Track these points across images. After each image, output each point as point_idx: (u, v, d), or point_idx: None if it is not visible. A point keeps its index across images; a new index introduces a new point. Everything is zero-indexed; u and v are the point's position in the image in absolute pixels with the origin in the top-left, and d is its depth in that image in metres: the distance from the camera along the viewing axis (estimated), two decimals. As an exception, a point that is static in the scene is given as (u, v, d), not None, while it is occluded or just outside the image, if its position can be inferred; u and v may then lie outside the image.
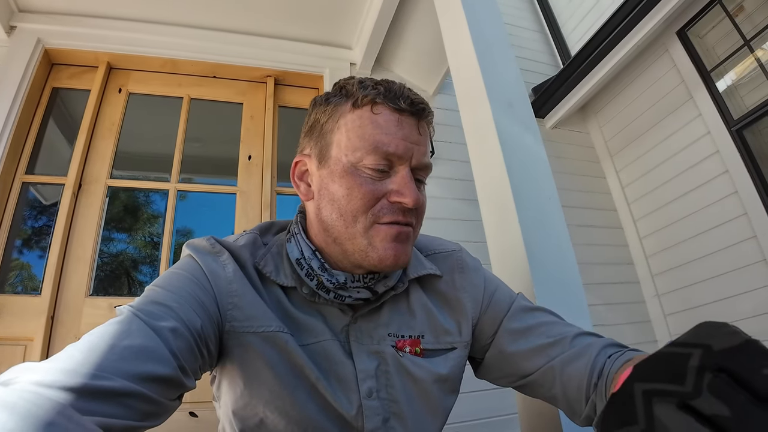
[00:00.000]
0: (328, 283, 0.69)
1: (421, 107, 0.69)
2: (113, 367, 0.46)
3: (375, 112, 0.67)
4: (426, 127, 0.71)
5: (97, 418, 0.41)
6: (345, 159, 0.67)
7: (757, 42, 2.41)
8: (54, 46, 2.27)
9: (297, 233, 0.74)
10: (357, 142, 0.66)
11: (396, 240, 0.66)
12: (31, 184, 2.13)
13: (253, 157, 2.46)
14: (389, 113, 0.67)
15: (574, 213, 2.95)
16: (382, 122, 0.67)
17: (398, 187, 0.66)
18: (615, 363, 0.65)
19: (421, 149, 0.69)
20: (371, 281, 0.70)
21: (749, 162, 2.38)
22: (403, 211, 0.66)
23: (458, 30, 1.48)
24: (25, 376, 0.41)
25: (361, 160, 0.66)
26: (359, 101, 0.68)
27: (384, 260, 0.66)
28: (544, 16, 3.94)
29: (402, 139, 0.66)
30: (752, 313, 2.33)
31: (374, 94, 0.67)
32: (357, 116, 0.68)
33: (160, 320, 0.55)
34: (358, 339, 0.72)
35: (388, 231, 0.66)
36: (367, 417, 0.68)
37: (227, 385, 0.69)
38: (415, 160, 0.67)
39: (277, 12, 2.46)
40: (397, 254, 0.66)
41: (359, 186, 0.66)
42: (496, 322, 0.79)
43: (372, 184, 0.66)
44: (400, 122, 0.67)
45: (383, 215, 0.66)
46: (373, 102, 0.68)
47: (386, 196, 0.66)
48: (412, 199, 0.65)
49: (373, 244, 0.66)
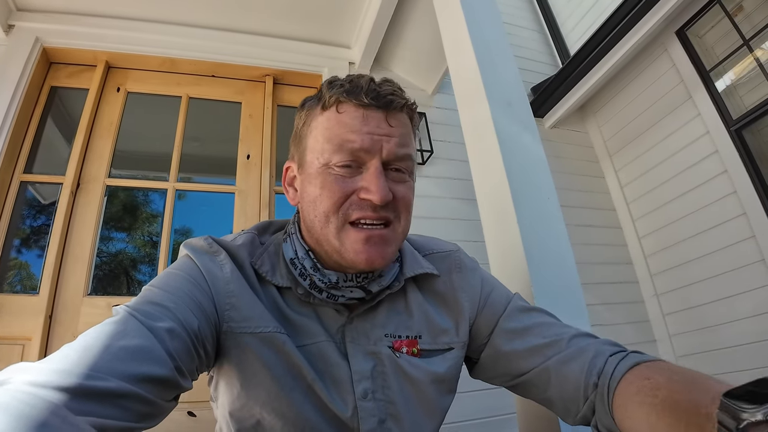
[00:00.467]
0: (320, 283, 0.69)
1: (389, 99, 0.68)
2: (108, 368, 0.45)
3: (340, 111, 0.68)
4: (401, 117, 0.70)
5: (92, 418, 0.41)
6: (317, 161, 0.68)
7: (756, 42, 2.41)
8: (52, 44, 2.27)
9: (293, 233, 0.74)
10: (324, 143, 0.67)
11: (367, 243, 0.65)
12: (29, 183, 2.13)
13: (251, 156, 2.45)
14: (354, 110, 0.67)
15: (572, 212, 2.95)
16: (347, 120, 0.67)
17: (366, 184, 0.65)
18: (619, 365, 0.64)
19: (393, 140, 0.67)
20: (364, 280, 0.70)
21: (748, 162, 2.38)
22: (372, 207, 0.65)
23: (457, 29, 1.48)
24: (19, 377, 0.41)
25: (330, 161, 0.66)
26: (327, 102, 0.69)
27: (356, 263, 0.65)
28: (543, 16, 3.94)
29: (367, 134, 0.66)
30: (751, 313, 2.34)
31: (338, 93, 0.68)
32: (325, 118, 0.69)
33: (157, 320, 0.54)
34: (354, 339, 0.71)
35: (357, 235, 0.65)
36: (363, 418, 0.68)
37: (224, 385, 0.69)
38: (386, 153, 0.67)
39: (276, 11, 2.46)
40: (369, 258, 0.65)
41: (329, 185, 0.66)
42: (492, 322, 0.79)
43: (341, 182, 0.66)
44: (365, 117, 0.67)
45: (352, 212, 0.66)
46: (338, 101, 0.68)
47: (356, 192, 0.66)
48: (379, 195, 0.64)
49: (345, 246, 0.66)
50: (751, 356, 2.31)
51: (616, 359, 0.66)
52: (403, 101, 0.70)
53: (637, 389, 0.58)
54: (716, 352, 2.49)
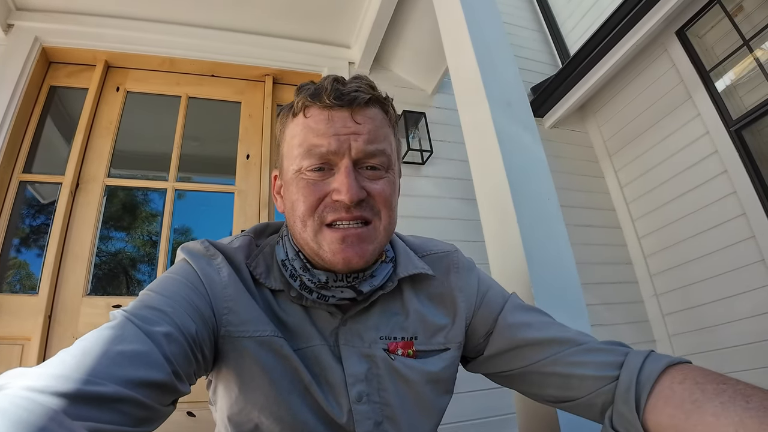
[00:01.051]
0: (309, 283, 0.69)
1: (352, 96, 0.67)
2: (106, 373, 0.45)
3: (307, 116, 0.68)
4: (369, 112, 0.69)
5: (90, 423, 0.41)
6: (291, 168, 0.69)
7: (756, 42, 2.41)
8: (52, 44, 2.27)
9: (285, 235, 0.75)
10: (295, 150, 0.68)
11: (344, 243, 0.65)
12: (28, 183, 2.12)
13: (251, 156, 2.45)
14: (318, 112, 0.68)
15: (572, 212, 2.95)
16: (313, 124, 0.67)
17: (337, 184, 0.65)
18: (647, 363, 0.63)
19: (361, 138, 0.67)
20: (354, 280, 0.70)
21: (748, 162, 2.38)
22: (346, 207, 0.65)
23: (457, 29, 1.47)
24: (17, 382, 0.41)
25: (302, 166, 0.67)
26: (296, 109, 0.70)
27: (334, 264, 0.66)
28: (543, 16, 3.94)
29: (333, 135, 0.66)
30: (750, 313, 2.34)
31: (304, 97, 0.68)
32: (294, 124, 0.70)
33: (154, 325, 0.54)
34: (347, 342, 0.71)
35: (333, 235, 0.65)
36: (358, 421, 0.68)
37: (222, 389, 0.69)
38: (354, 151, 0.66)
39: (276, 11, 2.46)
40: (346, 257, 0.65)
41: (302, 190, 0.67)
42: (489, 321, 0.79)
43: (313, 186, 0.66)
44: (330, 118, 0.67)
45: (327, 214, 0.66)
46: (305, 106, 0.69)
47: (330, 194, 0.66)
48: (349, 194, 0.64)
49: (323, 248, 0.66)
50: (751, 356, 2.31)
51: (638, 356, 0.65)
52: (368, 95, 0.69)
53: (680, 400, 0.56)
54: (715, 352, 2.49)
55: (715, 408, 0.52)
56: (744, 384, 0.54)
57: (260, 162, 2.44)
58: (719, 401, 0.52)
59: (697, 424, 0.53)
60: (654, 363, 0.62)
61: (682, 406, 0.55)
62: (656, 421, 0.58)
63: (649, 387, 0.60)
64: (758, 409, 0.49)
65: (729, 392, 0.53)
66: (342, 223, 0.65)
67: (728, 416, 0.50)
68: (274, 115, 2.59)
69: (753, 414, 0.49)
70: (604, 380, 0.66)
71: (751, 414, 0.49)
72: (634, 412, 0.59)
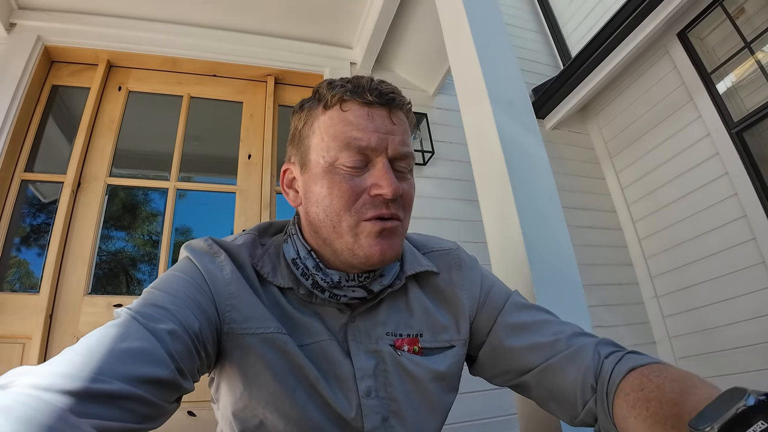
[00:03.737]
0: (322, 282, 0.69)
1: (391, 97, 0.69)
2: (111, 370, 0.45)
3: (344, 110, 0.68)
4: (401, 116, 0.71)
5: (96, 421, 0.41)
6: (322, 160, 0.68)
7: (758, 44, 2.42)
8: (54, 43, 2.27)
9: (294, 234, 0.74)
10: (330, 142, 0.67)
11: (381, 236, 0.66)
12: (30, 182, 2.12)
13: (252, 156, 2.45)
14: (358, 108, 0.68)
15: (573, 214, 2.95)
16: (352, 118, 0.67)
17: (376, 180, 0.66)
18: (614, 371, 0.65)
19: (397, 138, 0.68)
20: (366, 280, 0.70)
21: (749, 164, 2.39)
22: (385, 203, 0.66)
23: (459, 30, 1.48)
24: (23, 380, 0.41)
25: (337, 159, 0.67)
26: (329, 102, 0.69)
27: (370, 257, 0.66)
28: (544, 17, 3.95)
29: (374, 131, 0.67)
30: (751, 315, 2.34)
31: (342, 92, 0.68)
32: (328, 117, 0.69)
33: (158, 323, 0.54)
34: (356, 338, 0.72)
35: (372, 228, 0.66)
36: (366, 416, 0.68)
37: (226, 387, 0.69)
38: (391, 150, 0.67)
39: (278, 11, 2.46)
40: (383, 250, 0.66)
41: (338, 184, 0.66)
42: (491, 319, 0.79)
43: (351, 181, 0.66)
44: (370, 115, 0.68)
45: (366, 210, 0.66)
46: (342, 100, 0.68)
47: (366, 190, 0.66)
48: (391, 188, 0.64)
49: (359, 242, 0.66)
50: (751, 358, 2.30)
51: (611, 362, 0.66)
52: (403, 100, 0.71)
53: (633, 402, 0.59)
54: (716, 354, 2.48)
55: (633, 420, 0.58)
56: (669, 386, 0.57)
57: (261, 162, 2.44)
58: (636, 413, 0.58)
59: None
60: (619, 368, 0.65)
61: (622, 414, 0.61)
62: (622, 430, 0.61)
63: (612, 395, 0.63)
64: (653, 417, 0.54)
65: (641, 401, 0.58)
66: (380, 218, 0.66)
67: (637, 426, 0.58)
68: (275, 115, 2.59)
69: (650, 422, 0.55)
70: (588, 392, 0.67)
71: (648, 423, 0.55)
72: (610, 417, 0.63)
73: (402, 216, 0.69)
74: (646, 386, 0.58)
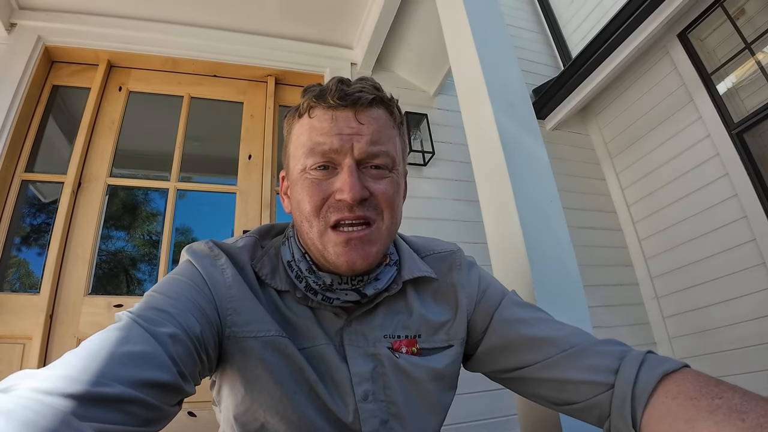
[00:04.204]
0: (315, 285, 0.69)
1: (356, 96, 0.67)
2: (113, 374, 0.45)
3: (311, 116, 0.69)
4: (371, 113, 0.69)
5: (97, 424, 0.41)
6: (296, 168, 0.70)
7: (758, 45, 2.42)
8: (54, 43, 2.27)
9: (291, 236, 0.75)
10: (300, 149, 0.69)
11: (347, 246, 0.65)
12: (30, 182, 2.13)
13: (253, 156, 2.45)
14: (323, 113, 0.68)
15: (573, 215, 2.95)
16: (317, 124, 0.68)
17: (339, 183, 0.66)
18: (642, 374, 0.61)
19: (364, 138, 0.67)
20: (359, 283, 0.70)
21: (749, 165, 2.39)
22: (349, 206, 0.65)
23: (460, 31, 1.48)
24: (24, 383, 0.41)
25: (306, 165, 0.68)
26: (301, 110, 0.71)
27: (338, 266, 0.66)
28: (545, 18, 3.95)
29: (336, 135, 0.66)
30: (751, 315, 2.34)
31: (309, 98, 0.69)
32: (299, 125, 0.71)
33: (160, 326, 0.54)
34: (352, 342, 0.72)
35: (336, 238, 0.65)
36: (364, 420, 0.68)
37: (228, 390, 0.69)
38: (357, 151, 0.66)
39: (279, 11, 2.46)
40: (350, 260, 0.65)
41: (307, 189, 0.67)
42: (488, 316, 0.80)
43: (318, 186, 0.67)
44: (334, 118, 0.68)
45: (331, 215, 0.66)
46: (310, 106, 0.69)
47: (333, 194, 0.66)
48: (351, 193, 0.64)
49: (327, 250, 0.66)
50: (751, 359, 2.31)
51: (634, 364, 0.63)
52: (372, 96, 0.69)
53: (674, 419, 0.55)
54: (716, 354, 2.49)
55: (710, 428, 0.51)
56: (741, 396, 0.52)
57: (262, 162, 2.44)
58: (713, 420, 0.51)
59: None
60: (649, 373, 0.61)
61: (676, 426, 0.54)
62: None
63: (644, 402, 0.59)
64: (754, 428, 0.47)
65: (724, 409, 0.51)
66: (345, 223, 0.65)
67: None
68: (276, 116, 2.59)
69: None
70: (600, 387, 0.65)
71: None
72: (632, 428, 0.59)
73: (374, 217, 0.67)
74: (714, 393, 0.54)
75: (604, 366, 0.67)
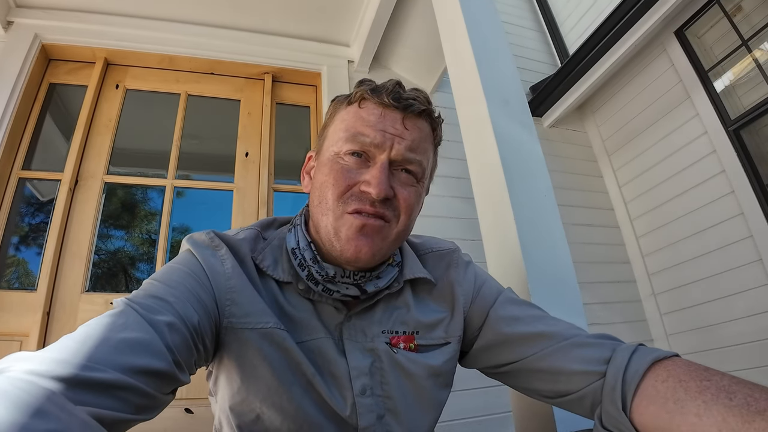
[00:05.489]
0: (317, 275, 0.69)
1: (409, 102, 0.70)
2: (108, 360, 0.46)
3: (361, 107, 0.72)
4: (417, 122, 0.72)
5: (90, 408, 0.41)
6: (330, 150, 0.71)
7: (755, 42, 2.42)
8: (51, 41, 2.27)
9: (298, 224, 0.76)
10: (340, 133, 0.71)
11: (360, 232, 0.66)
12: (27, 180, 2.13)
13: (250, 154, 2.46)
14: (373, 107, 0.71)
15: (570, 211, 2.95)
16: (365, 115, 0.70)
17: (369, 177, 0.67)
18: (633, 360, 0.62)
19: (405, 142, 0.69)
20: (361, 279, 0.71)
21: (746, 162, 2.39)
22: (371, 200, 0.66)
23: (455, 28, 1.48)
24: (19, 365, 0.41)
25: (342, 149, 0.69)
26: (352, 98, 0.73)
27: (344, 252, 0.66)
28: (542, 15, 3.95)
29: (380, 130, 0.68)
30: (748, 312, 2.34)
31: (363, 90, 0.71)
32: (346, 111, 0.73)
33: (157, 314, 0.55)
34: (351, 336, 0.72)
35: (353, 221, 0.66)
36: (361, 414, 0.68)
37: (224, 380, 0.69)
38: (394, 152, 0.68)
39: (276, 9, 2.46)
40: (358, 247, 0.66)
41: (335, 173, 0.68)
42: (483, 313, 0.80)
43: (347, 172, 0.68)
44: (383, 115, 0.70)
45: (351, 203, 0.67)
46: (362, 98, 0.72)
47: (358, 185, 0.67)
48: (378, 189, 0.65)
49: (338, 234, 0.67)
50: (748, 356, 2.31)
51: (625, 352, 0.64)
52: (423, 107, 0.72)
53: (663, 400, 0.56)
54: (713, 351, 2.49)
55: (698, 407, 0.52)
56: (729, 379, 0.54)
57: (259, 160, 2.44)
58: (702, 400, 0.52)
59: (680, 425, 0.53)
60: (639, 359, 0.62)
61: (666, 406, 0.55)
62: (641, 422, 0.58)
63: (634, 386, 0.60)
64: (741, 407, 0.49)
65: (712, 390, 0.53)
66: (362, 214, 0.66)
67: (711, 415, 0.50)
68: (273, 113, 2.59)
69: (736, 412, 0.49)
70: (592, 376, 0.66)
71: (734, 412, 0.49)
72: (621, 411, 0.59)
73: (391, 218, 0.68)
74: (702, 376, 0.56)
75: (596, 356, 0.67)
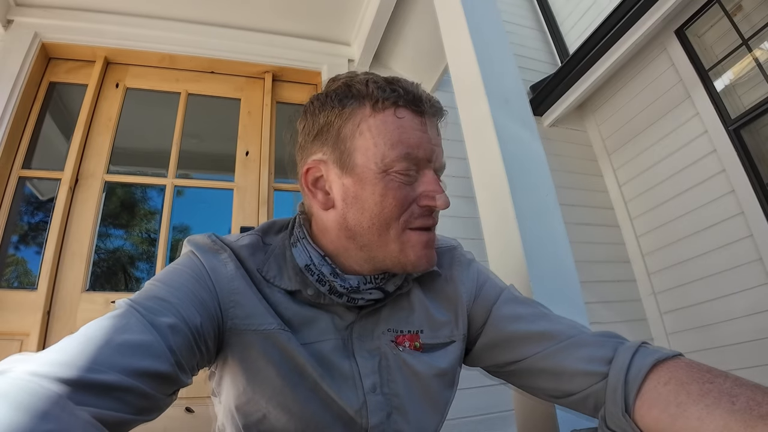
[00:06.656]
0: (340, 288, 0.69)
1: (439, 107, 0.70)
2: (109, 361, 0.46)
3: (399, 116, 0.66)
4: (440, 127, 0.73)
5: (91, 410, 0.41)
6: (375, 166, 0.65)
7: (755, 41, 2.42)
8: (51, 40, 2.26)
9: (302, 238, 0.73)
10: (386, 148, 0.65)
11: (426, 247, 0.67)
12: (27, 179, 2.12)
13: (250, 153, 2.45)
14: (413, 116, 0.67)
15: (571, 211, 2.95)
16: (408, 126, 0.66)
17: (428, 191, 0.66)
18: (635, 360, 0.62)
19: (439, 150, 0.69)
20: (382, 281, 0.71)
21: (746, 161, 2.39)
22: (431, 213, 0.68)
23: (457, 27, 1.48)
24: (20, 366, 0.41)
25: (393, 167, 0.64)
26: (380, 104, 0.66)
27: (418, 266, 0.68)
28: (542, 14, 3.95)
29: (428, 143, 0.67)
30: (748, 311, 2.35)
31: (395, 96, 0.66)
32: (381, 121, 0.66)
33: (159, 315, 0.54)
34: (360, 336, 0.72)
35: (419, 238, 0.67)
36: (372, 412, 0.68)
37: (229, 381, 0.69)
38: (437, 162, 0.68)
39: (276, 7, 2.46)
40: (429, 259, 0.68)
41: (393, 192, 0.65)
42: (486, 311, 0.80)
43: (404, 190, 0.66)
44: (424, 125, 0.67)
45: (414, 220, 0.67)
46: (396, 105, 0.66)
47: (416, 200, 0.67)
48: (444, 201, 0.66)
49: (405, 251, 0.66)
50: (748, 355, 2.32)
51: (627, 352, 0.64)
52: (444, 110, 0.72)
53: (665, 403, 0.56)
54: (713, 350, 2.50)
55: (700, 411, 0.52)
56: (732, 381, 0.53)
57: (259, 159, 2.44)
58: (704, 404, 0.52)
59: (683, 429, 0.53)
60: (641, 360, 0.62)
61: (668, 410, 0.55)
62: (644, 424, 0.58)
63: (636, 388, 0.60)
64: (744, 411, 0.48)
65: (714, 393, 0.52)
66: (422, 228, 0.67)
67: (713, 420, 0.50)
68: (273, 112, 2.59)
69: (738, 417, 0.48)
70: (595, 376, 0.66)
71: (736, 417, 0.48)
72: (624, 413, 0.59)
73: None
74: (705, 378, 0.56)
75: (599, 356, 0.67)
